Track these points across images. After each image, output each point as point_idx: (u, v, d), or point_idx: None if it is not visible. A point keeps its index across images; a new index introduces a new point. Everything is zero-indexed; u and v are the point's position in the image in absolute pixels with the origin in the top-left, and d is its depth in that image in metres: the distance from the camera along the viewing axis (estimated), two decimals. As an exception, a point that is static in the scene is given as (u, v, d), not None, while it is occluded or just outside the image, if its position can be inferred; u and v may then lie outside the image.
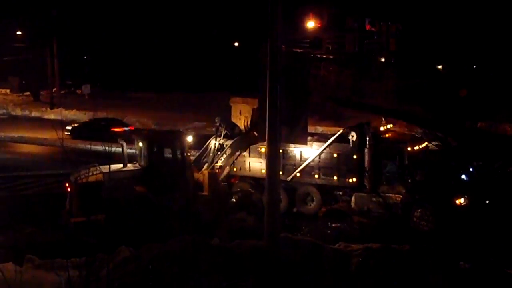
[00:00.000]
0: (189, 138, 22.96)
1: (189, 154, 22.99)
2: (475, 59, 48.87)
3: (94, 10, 59.30)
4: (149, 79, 56.56)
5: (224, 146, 24.05)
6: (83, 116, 46.31)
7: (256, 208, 22.41)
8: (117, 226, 18.00)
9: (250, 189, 23.83)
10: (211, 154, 24.32)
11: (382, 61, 55.24)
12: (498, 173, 22.67)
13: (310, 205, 23.65)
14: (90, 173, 20.19)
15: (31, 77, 59.13)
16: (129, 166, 22.07)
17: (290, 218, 22.73)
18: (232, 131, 24.64)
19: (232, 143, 23.92)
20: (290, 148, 23.46)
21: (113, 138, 22.65)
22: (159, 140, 22.77)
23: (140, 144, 22.26)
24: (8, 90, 62.45)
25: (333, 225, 22.15)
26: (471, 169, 22.86)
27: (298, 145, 23.48)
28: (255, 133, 24.20)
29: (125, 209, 19.70)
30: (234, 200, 23.51)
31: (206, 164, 24.17)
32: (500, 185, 21.78)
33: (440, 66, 53.12)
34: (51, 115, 49.50)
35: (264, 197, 18.71)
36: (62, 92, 56.22)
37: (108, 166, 21.04)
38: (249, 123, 24.99)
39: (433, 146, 25.98)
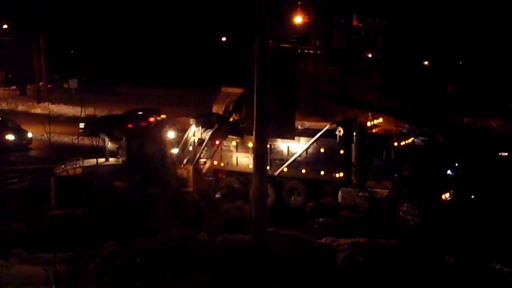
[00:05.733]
0: (171, 134, 22.98)
1: (171, 149, 23.02)
2: (461, 54, 49.11)
3: (82, 4, 58.91)
4: (137, 74, 56.40)
5: (204, 138, 23.93)
6: (70, 110, 45.92)
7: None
8: (95, 220, 17.90)
9: (235, 185, 23.76)
10: (190, 149, 24.19)
11: (369, 57, 55.39)
12: (483, 168, 22.85)
13: (297, 200, 23.71)
14: (69, 167, 20.03)
15: (17, 71, 58.53)
16: (111, 160, 22.18)
17: (277, 212, 22.78)
18: (209, 120, 24.33)
19: (211, 134, 23.78)
20: (278, 143, 23.50)
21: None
22: (137, 135, 22.92)
23: (123, 139, 22.49)
24: (-7, 84, 61.93)
25: (320, 219, 22.21)
26: (456, 164, 23.03)
27: (285, 140, 23.53)
28: (236, 116, 23.97)
29: (100, 203, 19.59)
30: (219, 196, 23.48)
31: (186, 159, 24.02)
32: (485, 180, 21.96)
33: (426, 62, 53.32)
34: (38, 109, 49.07)
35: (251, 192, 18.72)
36: (49, 86, 55.79)
37: (92, 160, 20.96)
38: (232, 107, 24.89)
39: (420, 142, 26.15)
